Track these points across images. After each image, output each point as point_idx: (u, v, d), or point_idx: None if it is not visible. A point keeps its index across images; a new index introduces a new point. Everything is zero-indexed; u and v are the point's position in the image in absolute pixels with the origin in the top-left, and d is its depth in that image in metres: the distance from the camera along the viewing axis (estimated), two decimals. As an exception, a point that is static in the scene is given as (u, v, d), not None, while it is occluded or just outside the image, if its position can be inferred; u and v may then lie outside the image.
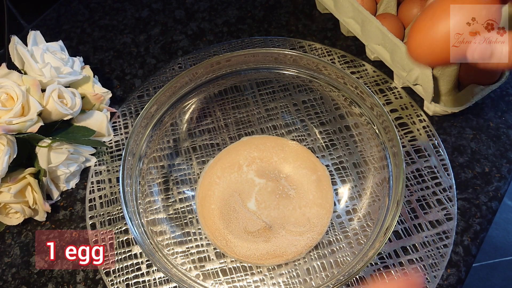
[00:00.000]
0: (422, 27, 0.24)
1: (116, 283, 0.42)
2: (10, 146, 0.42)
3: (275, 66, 0.48)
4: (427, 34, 0.23)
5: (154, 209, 0.45)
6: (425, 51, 0.24)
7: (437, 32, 0.23)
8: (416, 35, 0.24)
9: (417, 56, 0.24)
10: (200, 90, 0.48)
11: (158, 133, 0.47)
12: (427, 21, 0.24)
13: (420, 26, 0.24)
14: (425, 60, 0.25)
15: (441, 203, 0.45)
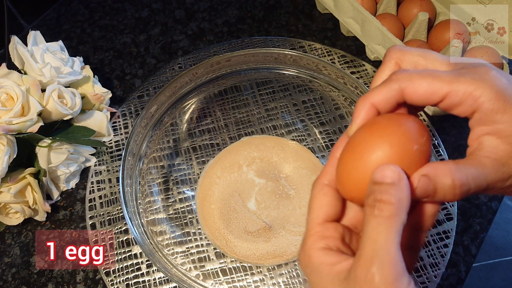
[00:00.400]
0: (347, 163, 0.23)
1: (116, 283, 0.42)
2: (10, 146, 0.42)
3: (275, 66, 0.48)
4: (354, 171, 0.22)
5: (154, 209, 0.45)
6: (355, 188, 0.22)
7: (365, 168, 0.22)
8: (343, 172, 0.23)
9: (348, 195, 0.23)
10: (200, 90, 0.48)
11: (158, 133, 0.47)
12: (352, 156, 0.22)
13: (345, 162, 0.23)
14: (355, 201, 0.23)
15: (441, 203, 0.45)
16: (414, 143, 0.21)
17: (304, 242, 0.24)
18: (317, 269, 0.22)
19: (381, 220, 0.20)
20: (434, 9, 0.54)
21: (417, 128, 0.22)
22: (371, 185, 0.21)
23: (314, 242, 0.23)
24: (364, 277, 0.19)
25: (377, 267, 0.19)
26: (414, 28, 0.52)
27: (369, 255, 0.19)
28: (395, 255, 0.19)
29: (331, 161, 0.25)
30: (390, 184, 0.20)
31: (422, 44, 0.50)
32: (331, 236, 0.23)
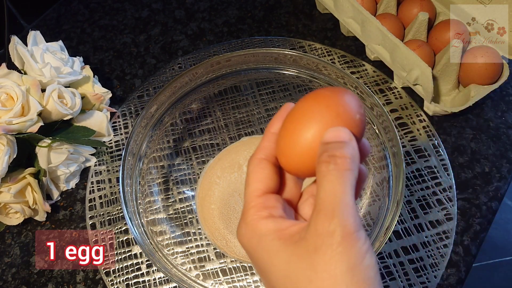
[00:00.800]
0: (294, 134, 0.23)
1: (116, 283, 0.42)
2: (10, 146, 0.42)
3: (275, 66, 0.48)
4: (302, 140, 0.22)
5: (154, 209, 0.45)
6: (303, 159, 0.23)
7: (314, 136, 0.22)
8: (288, 144, 0.23)
9: (294, 166, 0.23)
10: (200, 90, 0.48)
11: (158, 133, 0.47)
12: (298, 126, 0.23)
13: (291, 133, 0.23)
14: (299, 172, 0.24)
15: (441, 203, 0.45)
16: (357, 113, 0.23)
17: (244, 215, 0.23)
18: (265, 238, 0.21)
19: (338, 173, 0.20)
20: (434, 9, 0.54)
21: (356, 100, 0.23)
22: (323, 145, 0.22)
23: (257, 212, 0.23)
24: (327, 230, 0.19)
25: (339, 219, 0.19)
26: (414, 28, 0.52)
27: (329, 207, 0.20)
28: (353, 206, 0.20)
29: (267, 137, 0.25)
30: (343, 142, 0.21)
31: (422, 44, 0.50)
32: (274, 206, 0.23)
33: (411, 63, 0.48)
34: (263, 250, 0.22)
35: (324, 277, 0.19)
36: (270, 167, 0.24)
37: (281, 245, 0.21)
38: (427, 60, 0.49)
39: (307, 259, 0.19)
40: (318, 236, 0.19)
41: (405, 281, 0.41)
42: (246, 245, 0.23)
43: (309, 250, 0.20)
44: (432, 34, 0.53)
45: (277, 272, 0.21)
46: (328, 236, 0.19)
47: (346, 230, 0.19)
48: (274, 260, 0.21)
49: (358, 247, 0.19)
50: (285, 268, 0.20)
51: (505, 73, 0.48)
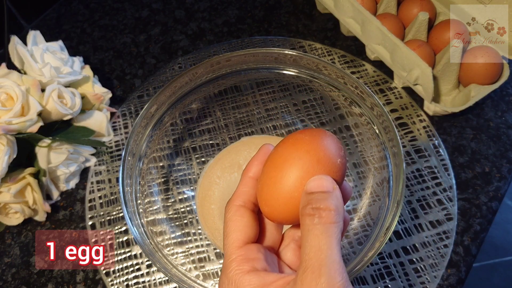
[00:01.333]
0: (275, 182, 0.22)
1: (116, 283, 0.42)
2: (10, 146, 0.42)
3: (275, 66, 0.48)
4: (284, 189, 0.22)
5: (154, 209, 0.45)
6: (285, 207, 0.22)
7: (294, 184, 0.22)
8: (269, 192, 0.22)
9: (277, 215, 0.23)
10: (200, 90, 0.48)
11: (158, 133, 0.47)
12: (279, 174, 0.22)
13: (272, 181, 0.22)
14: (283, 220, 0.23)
15: (441, 203, 0.45)
16: (337, 157, 0.22)
17: (226, 268, 0.22)
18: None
19: (323, 227, 0.20)
20: (434, 9, 0.54)
21: (336, 143, 0.23)
22: (306, 195, 0.21)
23: (239, 265, 0.22)
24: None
25: (326, 277, 0.19)
26: (414, 28, 0.52)
27: (316, 265, 0.19)
28: (340, 262, 0.19)
29: (245, 181, 0.24)
30: (326, 192, 0.21)
31: (422, 44, 0.50)
32: (256, 258, 0.22)
33: (411, 63, 0.47)
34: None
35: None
36: (249, 214, 0.24)
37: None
38: (427, 60, 0.49)
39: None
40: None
41: (405, 281, 0.41)
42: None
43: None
44: (432, 34, 0.53)
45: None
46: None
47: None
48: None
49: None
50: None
51: (505, 73, 0.48)
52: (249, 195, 0.24)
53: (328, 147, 0.22)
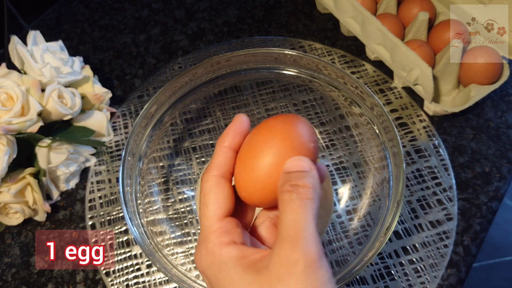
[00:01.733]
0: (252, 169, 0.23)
1: (116, 283, 0.42)
2: (10, 146, 0.42)
3: (275, 66, 0.48)
4: (262, 175, 0.23)
5: (154, 209, 0.45)
6: (264, 192, 0.23)
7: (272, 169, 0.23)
8: (248, 178, 0.23)
9: (252, 202, 0.24)
10: (200, 90, 0.48)
11: (158, 133, 0.47)
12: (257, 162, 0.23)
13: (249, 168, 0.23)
14: (261, 204, 0.24)
15: (441, 203, 0.45)
16: (311, 142, 0.23)
17: (205, 239, 0.23)
18: (226, 266, 0.21)
19: (300, 202, 0.21)
20: (434, 9, 0.54)
21: (309, 127, 0.24)
22: (285, 174, 0.22)
23: (219, 237, 0.22)
24: (290, 259, 0.19)
25: (302, 248, 0.19)
26: (414, 28, 0.52)
27: (293, 236, 0.20)
28: (316, 235, 0.20)
29: (221, 151, 0.24)
30: (305, 171, 0.22)
31: (422, 44, 0.50)
32: (235, 232, 0.23)
33: (411, 63, 0.47)
34: (224, 278, 0.21)
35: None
36: (228, 187, 0.24)
37: (243, 273, 0.21)
38: (427, 60, 0.49)
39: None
40: (281, 265, 0.19)
41: (405, 281, 0.41)
42: (205, 270, 0.22)
43: (272, 279, 0.20)
44: (432, 34, 0.53)
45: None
46: (292, 265, 0.19)
47: (309, 259, 0.19)
48: (235, 285, 0.21)
49: (321, 275, 0.19)
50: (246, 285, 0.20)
51: (505, 73, 0.48)
52: (227, 166, 0.24)
53: (302, 132, 0.23)
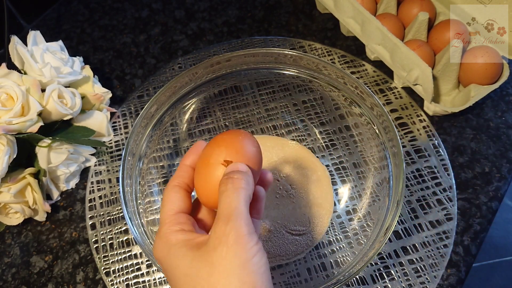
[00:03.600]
0: (205, 175, 0.28)
1: (116, 283, 0.42)
2: (10, 146, 0.42)
3: (275, 66, 0.48)
4: (207, 183, 0.28)
5: (154, 209, 0.45)
6: (214, 200, 0.27)
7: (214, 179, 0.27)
8: (202, 182, 0.28)
9: (208, 201, 0.28)
10: (200, 90, 0.48)
11: (158, 133, 0.47)
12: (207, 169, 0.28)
13: (202, 174, 0.28)
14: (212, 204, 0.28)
15: (441, 203, 0.45)
16: (252, 146, 0.28)
17: (159, 231, 0.26)
18: (174, 247, 0.25)
19: (233, 189, 0.25)
20: (434, 9, 0.54)
21: (251, 138, 0.29)
22: (225, 174, 0.26)
23: (170, 227, 0.26)
24: (223, 232, 0.23)
25: (233, 223, 0.23)
26: (414, 28, 0.52)
27: (225, 214, 0.24)
28: (246, 215, 0.24)
29: (182, 168, 0.29)
30: (241, 171, 0.26)
31: (422, 44, 0.50)
32: (185, 222, 0.27)
33: (411, 63, 0.48)
34: (171, 257, 0.24)
35: (220, 270, 0.22)
36: (182, 192, 0.28)
37: (187, 251, 0.24)
38: (427, 60, 0.49)
39: (207, 258, 0.23)
40: (216, 237, 0.23)
41: (404, 281, 0.41)
42: (158, 255, 0.26)
43: (209, 250, 0.23)
44: (432, 34, 0.53)
45: (180, 273, 0.24)
46: (224, 236, 0.23)
47: (239, 233, 0.23)
48: (180, 262, 0.24)
49: (249, 247, 0.23)
50: (188, 267, 0.23)
51: (505, 73, 0.48)
52: (184, 178, 0.29)
53: (244, 142, 0.28)
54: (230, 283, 0.22)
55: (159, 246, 0.26)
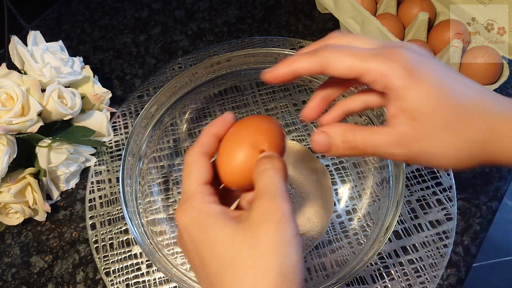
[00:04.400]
0: (225, 160, 0.27)
1: (116, 283, 0.42)
2: (10, 146, 0.42)
3: (275, 66, 0.48)
4: (234, 162, 0.27)
5: (154, 209, 0.45)
6: (237, 180, 0.27)
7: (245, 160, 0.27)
8: (226, 169, 0.27)
9: (232, 185, 0.28)
10: (200, 90, 0.48)
11: (158, 133, 0.47)
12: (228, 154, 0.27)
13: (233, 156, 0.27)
14: (240, 186, 0.28)
15: (441, 203, 0.45)
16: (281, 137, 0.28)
17: (190, 198, 0.25)
18: (211, 218, 0.24)
19: (275, 170, 0.25)
20: (434, 9, 0.54)
21: (279, 126, 0.29)
22: (263, 156, 0.26)
23: (204, 197, 0.25)
24: (269, 209, 0.23)
25: (280, 201, 0.23)
26: (414, 28, 0.52)
27: (272, 192, 0.24)
28: (288, 195, 0.24)
29: (206, 135, 0.28)
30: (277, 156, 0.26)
31: (422, 44, 0.50)
32: (214, 194, 0.26)
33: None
34: (208, 228, 0.24)
35: (265, 245, 0.22)
36: (208, 162, 0.27)
37: (226, 222, 0.24)
38: (427, 60, 0.49)
39: (251, 232, 0.22)
40: (262, 214, 0.23)
41: (404, 281, 0.41)
42: (187, 224, 0.24)
43: (253, 225, 0.23)
44: (432, 34, 0.53)
45: (219, 242, 0.23)
46: (271, 213, 0.23)
47: (284, 211, 0.23)
48: (219, 233, 0.23)
49: (293, 226, 0.23)
50: (230, 237, 0.23)
51: (505, 73, 0.48)
52: (208, 146, 0.27)
53: (274, 128, 0.28)
54: (275, 258, 0.22)
55: (190, 215, 0.24)
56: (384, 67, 0.22)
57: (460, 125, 0.23)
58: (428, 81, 0.22)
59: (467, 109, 0.23)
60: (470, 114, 0.23)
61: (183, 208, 0.25)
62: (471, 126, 0.23)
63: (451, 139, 0.23)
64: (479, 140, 0.23)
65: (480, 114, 0.23)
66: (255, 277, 0.21)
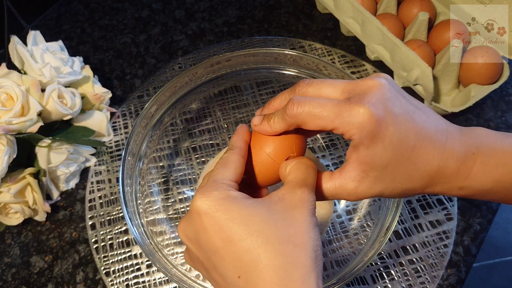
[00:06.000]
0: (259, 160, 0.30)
1: (116, 283, 0.42)
2: (10, 146, 0.42)
3: (275, 66, 0.48)
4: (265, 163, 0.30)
5: (154, 209, 0.45)
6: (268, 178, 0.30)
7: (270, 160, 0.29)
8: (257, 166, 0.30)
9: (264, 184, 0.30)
10: (200, 90, 0.48)
11: (158, 133, 0.47)
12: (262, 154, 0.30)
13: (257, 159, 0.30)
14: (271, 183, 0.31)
15: (441, 203, 0.45)
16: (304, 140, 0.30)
17: (215, 183, 0.26)
18: (239, 199, 0.25)
19: (314, 170, 0.28)
20: (434, 9, 0.54)
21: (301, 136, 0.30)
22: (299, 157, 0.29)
23: (230, 186, 0.26)
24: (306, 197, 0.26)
25: (312, 193, 0.26)
26: (414, 28, 0.52)
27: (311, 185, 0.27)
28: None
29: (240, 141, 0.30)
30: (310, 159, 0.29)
31: (422, 44, 0.50)
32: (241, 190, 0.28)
33: (411, 63, 0.47)
34: (241, 204, 0.25)
35: (301, 225, 0.25)
36: (244, 165, 0.29)
37: (257, 202, 0.25)
38: (427, 60, 0.49)
39: (286, 213, 0.25)
40: (299, 200, 0.26)
41: (404, 281, 0.41)
42: (212, 206, 0.25)
43: (287, 207, 0.25)
44: (432, 34, 0.53)
45: (257, 219, 0.24)
46: (307, 202, 0.26)
47: (315, 204, 0.26)
48: (253, 210, 0.25)
49: (316, 218, 0.26)
50: (267, 216, 0.25)
51: (505, 73, 0.48)
52: (244, 152, 0.30)
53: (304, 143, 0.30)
54: (309, 236, 0.24)
55: (218, 196, 0.25)
56: (348, 127, 0.26)
57: (403, 179, 0.27)
58: (385, 142, 0.26)
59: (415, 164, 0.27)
60: (416, 169, 0.27)
61: (206, 192, 0.25)
62: (413, 180, 0.28)
63: (390, 190, 0.28)
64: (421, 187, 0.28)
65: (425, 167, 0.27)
66: (293, 251, 0.24)
